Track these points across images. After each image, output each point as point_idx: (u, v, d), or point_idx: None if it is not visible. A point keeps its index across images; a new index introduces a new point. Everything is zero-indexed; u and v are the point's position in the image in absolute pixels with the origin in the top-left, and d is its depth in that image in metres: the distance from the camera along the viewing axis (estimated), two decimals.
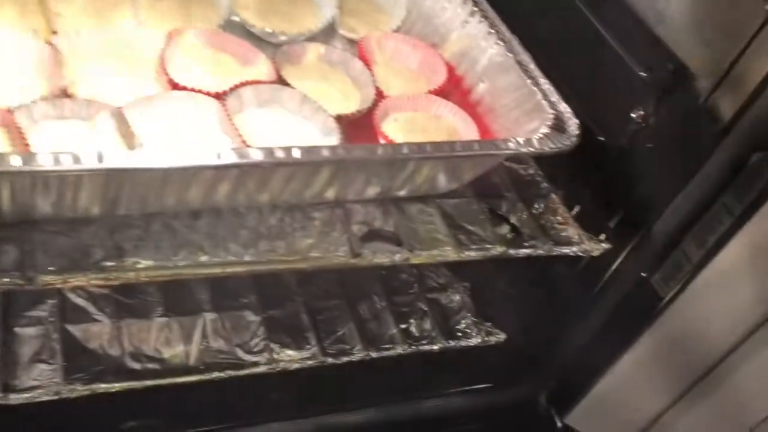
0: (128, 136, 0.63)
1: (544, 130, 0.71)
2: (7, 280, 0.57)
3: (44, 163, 0.50)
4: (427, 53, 0.87)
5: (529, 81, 0.77)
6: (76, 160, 0.51)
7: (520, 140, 0.68)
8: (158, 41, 0.74)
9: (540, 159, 0.86)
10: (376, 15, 0.91)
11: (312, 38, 0.85)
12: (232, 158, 0.56)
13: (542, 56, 0.82)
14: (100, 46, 0.72)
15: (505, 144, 0.67)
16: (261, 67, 0.77)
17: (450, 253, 0.71)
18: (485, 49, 0.82)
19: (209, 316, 0.84)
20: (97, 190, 0.58)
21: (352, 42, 0.89)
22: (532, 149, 0.68)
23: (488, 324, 0.95)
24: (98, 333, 0.79)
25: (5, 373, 0.71)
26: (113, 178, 0.56)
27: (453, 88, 0.84)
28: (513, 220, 0.78)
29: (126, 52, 0.73)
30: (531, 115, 0.74)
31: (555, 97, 0.75)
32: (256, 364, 0.82)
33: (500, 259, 0.75)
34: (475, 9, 0.84)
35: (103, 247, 0.61)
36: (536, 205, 0.81)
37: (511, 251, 0.74)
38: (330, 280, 0.92)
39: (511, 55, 0.79)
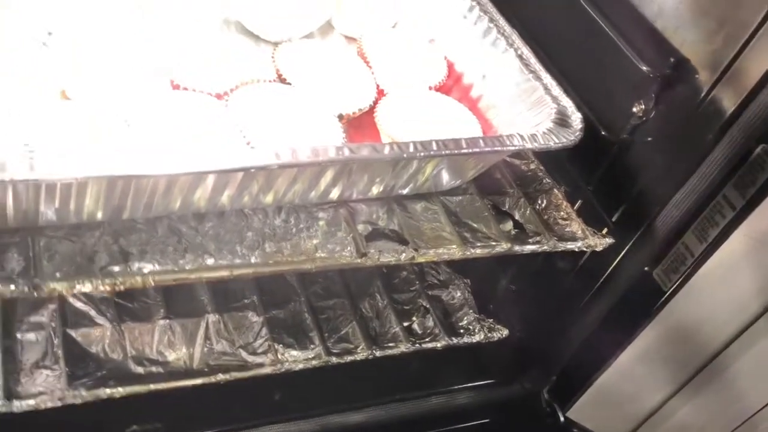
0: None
1: (548, 125, 0.70)
2: (13, 288, 0.56)
3: (49, 170, 0.50)
4: (427, 49, 0.86)
5: (530, 75, 0.77)
6: (83, 165, 0.50)
7: (525, 136, 0.68)
8: (158, 44, 0.73)
9: (541, 154, 0.86)
10: (374, 12, 0.90)
11: (310, 37, 0.85)
12: (238, 162, 0.56)
13: (542, 50, 0.82)
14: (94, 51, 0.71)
15: (509, 140, 0.67)
16: (261, 66, 0.77)
17: (456, 251, 0.71)
18: (485, 44, 0.82)
19: (211, 318, 0.83)
20: (102, 195, 0.57)
21: (351, 40, 0.88)
22: (537, 145, 0.68)
23: (490, 320, 0.95)
24: (100, 337, 0.78)
25: (8, 380, 0.70)
26: (118, 184, 0.55)
27: (454, 84, 0.84)
28: (517, 216, 0.78)
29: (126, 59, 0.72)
30: (534, 110, 0.74)
31: (557, 91, 0.74)
32: (260, 365, 0.81)
33: (505, 255, 0.75)
34: (474, 3, 0.84)
35: (109, 252, 0.60)
36: (539, 201, 0.81)
37: (516, 248, 0.74)
38: (332, 279, 0.92)
39: (511, 49, 0.79)
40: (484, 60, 0.81)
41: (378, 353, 0.87)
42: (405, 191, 0.74)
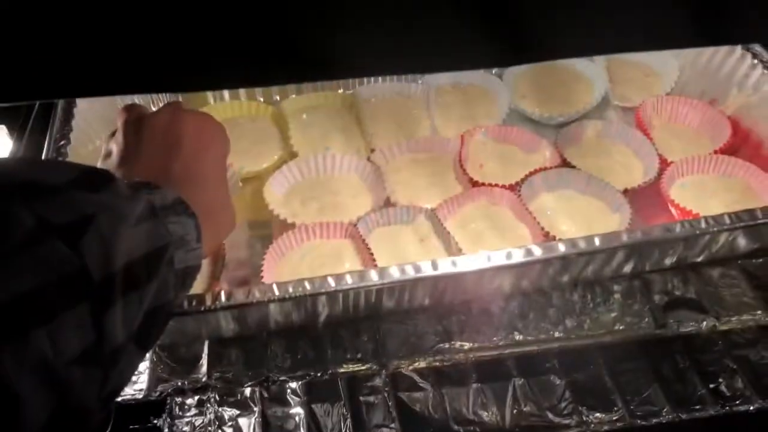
0: (442, 234, 0.75)
1: None
2: (365, 367, 0.70)
3: (393, 275, 0.63)
4: (707, 111, 0.87)
5: None
6: (417, 270, 0.63)
7: None
8: (454, 145, 0.86)
9: None
10: (648, 79, 0.94)
11: (588, 114, 0.91)
12: (539, 254, 0.64)
13: None
14: (408, 158, 0.85)
15: None
16: (545, 152, 0.84)
17: (762, 317, 0.70)
18: None
19: (518, 382, 0.90)
20: (429, 288, 0.69)
21: (627, 110, 0.92)
22: None
23: None
24: (424, 399, 0.90)
25: None
26: (443, 280, 0.66)
27: (741, 144, 0.83)
28: None
29: (429, 161, 0.85)
30: None
31: None
32: (567, 426, 0.86)
33: None
34: (756, 61, 0.82)
35: (435, 332, 0.72)
36: None
37: None
38: (630, 341, 0.94)
39: None
40: None
41: (684, 416, 0.86)
42: (699, 259, 0.75)
